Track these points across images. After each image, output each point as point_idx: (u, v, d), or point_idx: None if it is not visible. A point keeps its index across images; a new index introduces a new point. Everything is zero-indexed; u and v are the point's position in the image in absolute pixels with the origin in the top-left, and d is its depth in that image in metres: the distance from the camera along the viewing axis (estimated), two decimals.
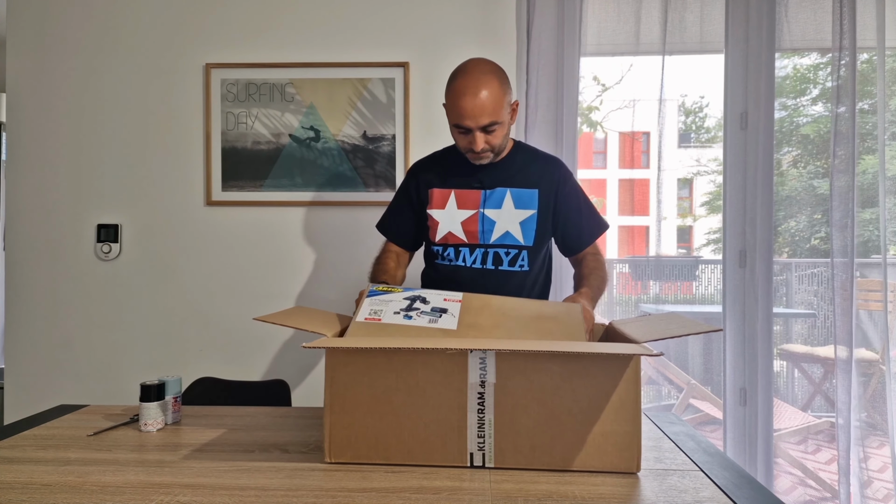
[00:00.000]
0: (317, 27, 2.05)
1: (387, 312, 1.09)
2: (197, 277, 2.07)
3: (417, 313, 1.10)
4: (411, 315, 1.09)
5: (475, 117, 1.28)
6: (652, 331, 1.02)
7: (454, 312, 1.10)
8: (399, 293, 1.15)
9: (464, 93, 1.28)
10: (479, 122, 1.28)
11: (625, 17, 2.06)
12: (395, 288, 1.18)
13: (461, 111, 1.28)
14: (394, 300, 1.13)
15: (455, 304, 1.12)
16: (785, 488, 2.23)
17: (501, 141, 1.35)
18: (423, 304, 1.12)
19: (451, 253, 1.42)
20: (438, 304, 1.12)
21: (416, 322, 1.07)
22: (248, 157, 2.05)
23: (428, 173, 1.49)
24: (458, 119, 1.30)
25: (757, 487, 0.86)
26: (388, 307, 1.11)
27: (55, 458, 0.97)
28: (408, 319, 1.08)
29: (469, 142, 1.33)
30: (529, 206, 1.40)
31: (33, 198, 2.07)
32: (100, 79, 2.07)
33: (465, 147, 1.36)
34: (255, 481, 0.87)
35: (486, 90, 1.27)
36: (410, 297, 1.14)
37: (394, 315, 1.09)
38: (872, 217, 2.26)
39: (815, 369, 2.90)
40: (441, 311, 1.11)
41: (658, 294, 2.19)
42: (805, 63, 2.38)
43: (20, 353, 2.07)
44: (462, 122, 1.30)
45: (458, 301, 1.13)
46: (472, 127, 1.29)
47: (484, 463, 0.91)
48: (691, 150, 14.21)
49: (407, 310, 1.10)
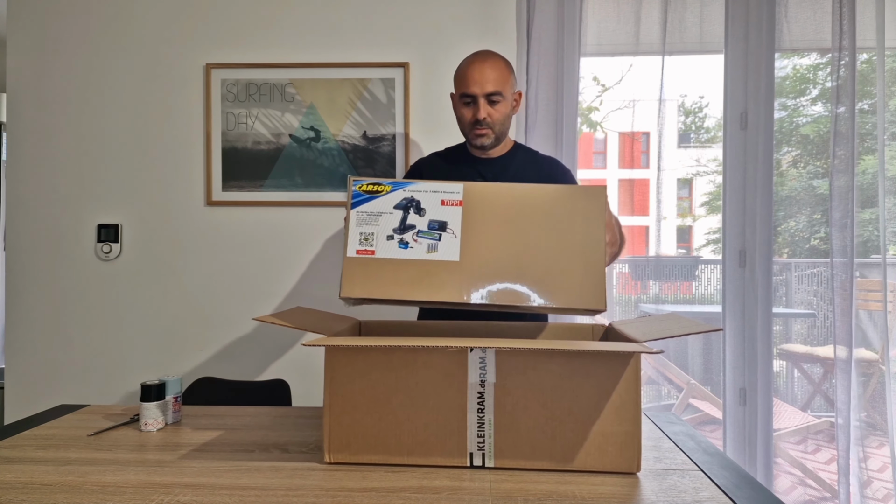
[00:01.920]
0: (317, 27, 2.05)
1: (379, 237, 0.96)
2: (197, 277, 2.07)
3: (413, 235, 0.97)
4: (407, 241, 0.97)
5: (481, 83, 1.37)
6: (652, 330, 1.02)
7: (455, 228, 0.97)
8: (387, 195, 0.98)
9: (472, 62, 1.40)
10: (485, 89, 1.37)
11: (625, 18, 2.06)
12: (381, 185, 1.00)
13: (468, 78, 1.38)
14: (384, 213, 0.98)
15: (455, 213, 0.98)
16: (785, 488, 2.23)
17: (503, 120, 1.42)
18: (417, 215, 0.98)
19: None
20: (436, 215, 0.98)
21: (413, 253, 0.96)
22: (249, 158, 2.05)
23: (431, 167, 1.53)
24: (465, 87, 1.39)
25: (757, 487, 0.86)
26: (380, 226, 0.97)
27: (55, 458, 0.97)
28: (404, 248, 0.96)
29: (473, 112, 1.39)
30: None
31: (33, 198, 2.07)
32: (100, 79, 2.07)
33: (468, 121, 1.42)
34: (255, 481, 0.87)
35: (492, 62, 1.39)
36: (403, 205, 0.98)
37: (387, 242, 0.96)
38: (872, 217, 2.26)
39: (815, 369, 2.90)
40: (440, 226, 0.97)
41: (658, 294, 2.19)
42: (805, 63, 2.38)
43: (20, 353, 2.07)
44: (468, 89, 1.38)
45: (458, 204, 0.99)
46: (477, 93, 1.37)
47: (484, 463, 0.91)
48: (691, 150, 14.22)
49: (401, 229, 0.97)
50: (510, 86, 1.41)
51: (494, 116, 1.40)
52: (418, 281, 0.94)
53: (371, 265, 0.95)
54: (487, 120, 1.39)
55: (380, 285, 0.94)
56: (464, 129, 1.46)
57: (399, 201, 0.98)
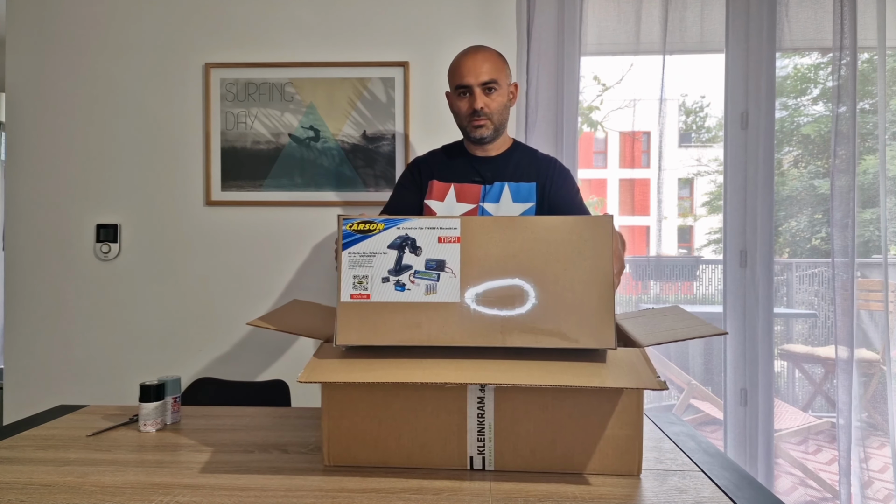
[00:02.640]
0: (317, 27, 2.05)
1: (374, 280, 0.91)
2: (197, 277, 2.06)
3: (410, 276, 0.91)
4: (403, 283, 0.91)
5: (476, 73, 1.36)
6: (656, 331, 1.00)
7: (454, 267, 0.92)
8: (380, 234, 0.92)
9: (464, 54, 1.40)
10: (480, 78, 1.36)
11: (625, 17, 2.05)
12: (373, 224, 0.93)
13: (462, 69, 1.38)
14: (377, 253, 0.92)
15: (454, 250, 0.92)
16: (785, 489, 2.22)
17: (501, 110, 1.41)
18: (413, 254, 0.92)
19: None
20: (433, 254, 0.92)
21: (411, 295, 0.91)
22: (248, 157, 2.05)
23: (429, 165, 1.51)
24: (460, 78, 1.38)
25: (757, 488, 0.86)
26: (374, 268, 0.91)
27: (55, 459, 0.97)
28: (400, 291, 0.91)
29: (470, 103, 1.38)
30: (528, 199, 1.42)
31: (33, 197, 2.07)
32: (100, 78, 2.07)
33: (466, 113, 1.40)
34: (254, 481, 0.86)
35: (485, 53, 1.39)
36: (397, 244, 0.92)
37: (383, 284, 0.91)
38: (873, 217, 2.26)
39: (816, 369, 2.89)
40: (438, 265, 0.92)
41: (658, 294, 2.18)
42: (805, 63, 2.37)
43: (20, 353, 2.07)
44: (463, 80, 1.37)
45: (456, 241, 0.93)
46: (472, 83, 1.36)
47: (484, 466, 0.91)
48: (692, 149, 14.20)
49: (396, 270, 0.91)
50: (505, 76, 1.41)
51: (492, 106, 1.38)
52: (416, 326, 0.90)
53: (367, 310, 0.90)
54: (485, 109, 1.37)
55: (377, 332, 0.90)
56: (461, 123, 1.44)
57: (393, 240, 0.92)
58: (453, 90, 1.42)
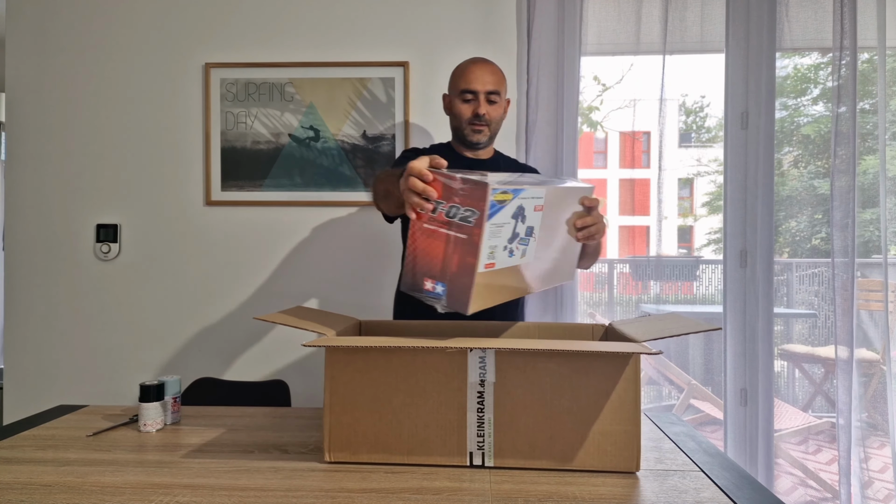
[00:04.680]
0: (317, 27, 2.05)
1: (498, 249, 0.94)
2: (197, 277, 2.07)
3: (517, 243, 0.97)
4: (513, 250, 0.97)
5: (483, 81, 1.44)
6: (651, 330, 1.03)
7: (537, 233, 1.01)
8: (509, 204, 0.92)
9: (473, 62, 1.47)
10: (486, 86, 1.44)
11: (625, 17, 2.05)
12: (507, 195, 0.92)
13: (471, 75, 1.44)
14: (505, 223, 0.93)
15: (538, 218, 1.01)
16: (786, 489, 2.23)
17: (498, 120, 1.49)
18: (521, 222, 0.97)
19: None
20: (531, 221, 0.99)
21: (514, 260, 0.98)
22: (248, 157, 2.05)
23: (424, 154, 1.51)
24: (467, 83, 1.44)
25: (757, 488, 0.86)
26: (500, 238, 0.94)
27: (55, 459, 0.97)
28: (511, 257, 0.97)
29: (474, 108, 1.45)
30: None
31: (33, 197, 2.07)
32: (99, 78, 2.07)
33: (468, 117, 1.46)
34: (254, 481, 0.86)
35: (492, 65, 1.48)
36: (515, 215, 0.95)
37: (502, 252, 0.95)
38: (873, 217, 2.26)
39: (816, 369, 2.89)
40: (529, 231, 0.99)
41: (658, 294, 2.18)
42: (806, 63, 2.38)
43: (20, 353, 2.07)
44: (471, 86, 1.44)
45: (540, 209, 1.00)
46: (479, 90, 1.43)
47: (483, 462, 0.91)
48: (692, 149, 14.22)
49: (511, 238, 0.96)
50: (505, 90, 1.50)
51: (492, 114, 1.46)
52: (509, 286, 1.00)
53: (490, 278, 0.95)
54: (487, 116, 1.45)
55: (491, 296, 0.97)
56: (460, 126, 1.48)
57: (514, 210, 0.94)
58: (457, 93, 1.47)
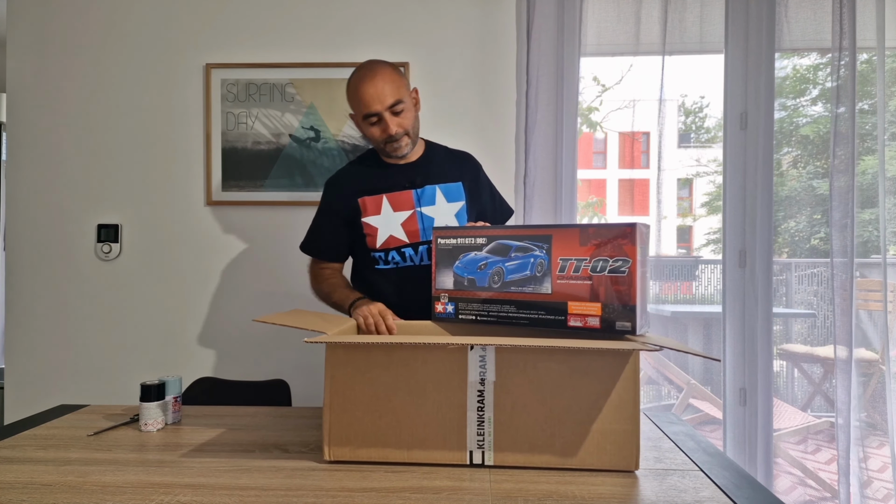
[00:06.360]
0: (317, 27, 2.05)
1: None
2: (197, 277, 2.07)
3: None
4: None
5: (381, 98, 1.33)
6: (651, 337, 1.03)
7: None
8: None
9: (361, 80, 1.35)
10: (385, 103, 1.34)
11: (625, 18, 2.06)
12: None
13: (366, 97, 1.34)
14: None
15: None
16: (785, 488, 2.23)
17: (413, 124, 1.41)
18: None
19: (396, 255, 1.44)
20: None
21: None
22: (249, 157, 2.05)
23: (350, 184, 1.48)
24: (367, 107, 1.35)
25: (757, 487, 0.86)
26: None
27: (55, 458, 0.97)
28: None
29: (383, 129, 1.37)
30: (458, 198, 1.47)
31: (34, 198, 2.07)
32: (100, 79, 2.07)
33: (380, 138, 1.39)
34: (255, 481, 0.87)
35: (382, 73, 1.35)
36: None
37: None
38: (872, 217, 2.26)
39: (815, 369, 2.90)
40: None
41: (658, 294, 2.19)
42: (805, 63, 2.38)
43: (20, 353, 2.07)
44: (371, 109, 1.34)
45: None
46: (380, 110, 1.34)
47: (483, 461, 0.91)
48: (691, 150, 14.20)
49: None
50: (406, 88, 1.39)
51: (404, 124, 1.38)
52: None
53: None
54: (399, 131, 1.37)
55: None
56: (378, 147, 1.43)
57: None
58: (360, 118, 1.39)
